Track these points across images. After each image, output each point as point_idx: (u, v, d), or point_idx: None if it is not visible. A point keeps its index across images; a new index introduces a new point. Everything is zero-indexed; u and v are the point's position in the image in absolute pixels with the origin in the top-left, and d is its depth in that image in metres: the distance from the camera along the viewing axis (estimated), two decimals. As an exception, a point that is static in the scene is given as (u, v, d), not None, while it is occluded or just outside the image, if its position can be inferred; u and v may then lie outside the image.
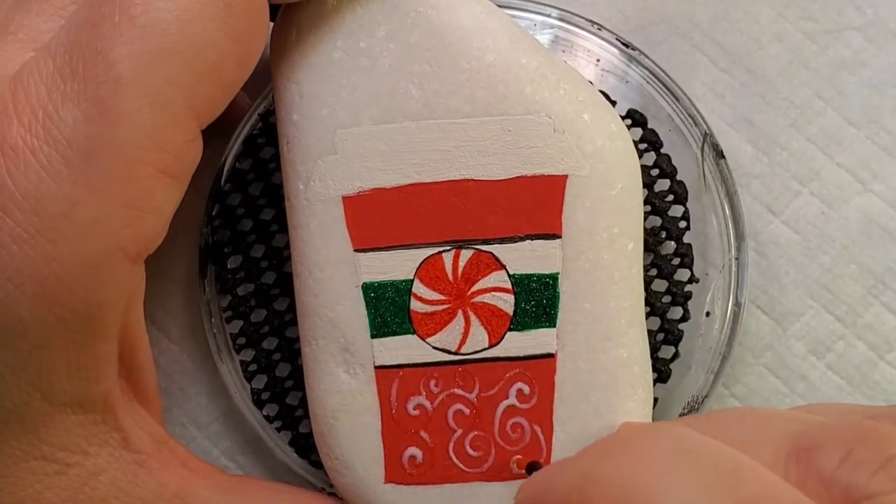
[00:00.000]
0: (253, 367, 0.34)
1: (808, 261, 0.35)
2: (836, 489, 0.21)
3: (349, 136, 0.29)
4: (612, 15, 0.36)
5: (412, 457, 0.29)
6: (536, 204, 0.29)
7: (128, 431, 0.27)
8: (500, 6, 0.30)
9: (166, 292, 0.35)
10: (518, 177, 0.29)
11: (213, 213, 0.34)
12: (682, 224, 0.33)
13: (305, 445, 0.33)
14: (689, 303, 0.33)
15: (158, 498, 0.27)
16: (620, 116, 0.32)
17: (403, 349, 0.29)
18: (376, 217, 0.29)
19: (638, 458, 0.21)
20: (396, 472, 0.29)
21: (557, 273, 0.29)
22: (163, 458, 0.28)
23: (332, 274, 0.29)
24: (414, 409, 0.29)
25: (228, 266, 0.34)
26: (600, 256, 0.29)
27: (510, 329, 0.29)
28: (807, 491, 0.21)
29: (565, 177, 0.29)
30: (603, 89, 0.33)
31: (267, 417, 0.33)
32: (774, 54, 0.36)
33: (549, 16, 0.34)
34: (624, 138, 0.30)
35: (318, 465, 0.33)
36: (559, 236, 0.29)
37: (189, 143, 0.26)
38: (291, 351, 0.33)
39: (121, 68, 0.24)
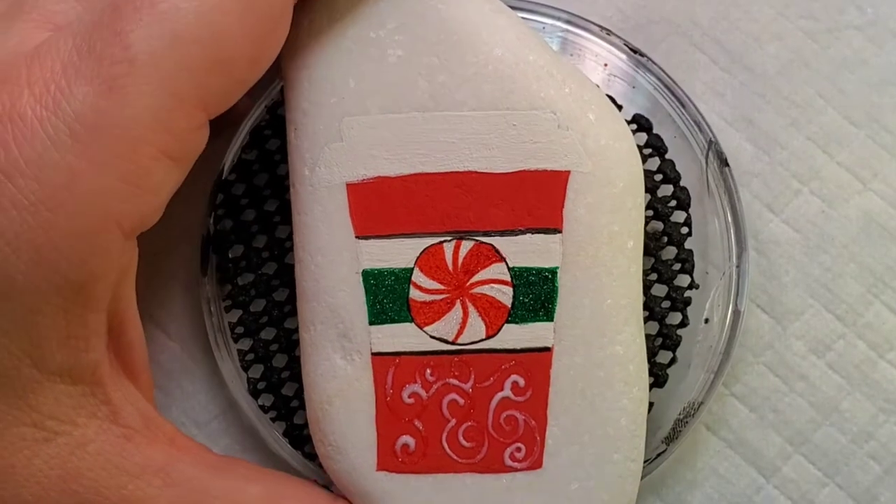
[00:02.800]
0: (250, 357, 0.34)
1: (808, 260, 0.35)
2: None
3: (356, 124, 0.29)
4: (612, 14, 0.36)
5: (405, 445, 0.29)
6: (538, 198, 0.29)
7: (116, 406, 0.27)
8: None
9: (166, 290, 0.35)
10: (521, 171, 0.29)
11: (217, 203, 0.34)
12: (684, 230, 0.33)
13: (299, 436, 0.33)
14: (689, 308, 0.33)
15: (144, 471, 0.27)
16: (626, 121, 0.32)
17: (401, 337, 0.29)
18: (379, 205, 0.29)
19: None
20: (389, 460, 0.29)
21: (557, 267, 0.29)
22: (150, 434, 0.28)
23: (334, 260, 0.29)
24: (409, 397, 0.29)
25: (230, 255, 0.34)
26: (600, 253, 0.29)
27: (508, 321, 0.29)
28: None
29: (568, 173, 0.29)
30: (610, 93, 0.34)
31: (262, 408, 0.33)
32: (774, 53, 0.36)
33: (557, 19, 0.34)
34: (627, 139, 0.30)
35: (311, 456, 0.33)
36: (560, 231, 0.29)
37: (194, 130, 0.27)
38: (289, 342, 0.34)
39: (136, 50, 0.25)
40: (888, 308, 0.35)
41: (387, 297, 0.29)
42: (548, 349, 0.29)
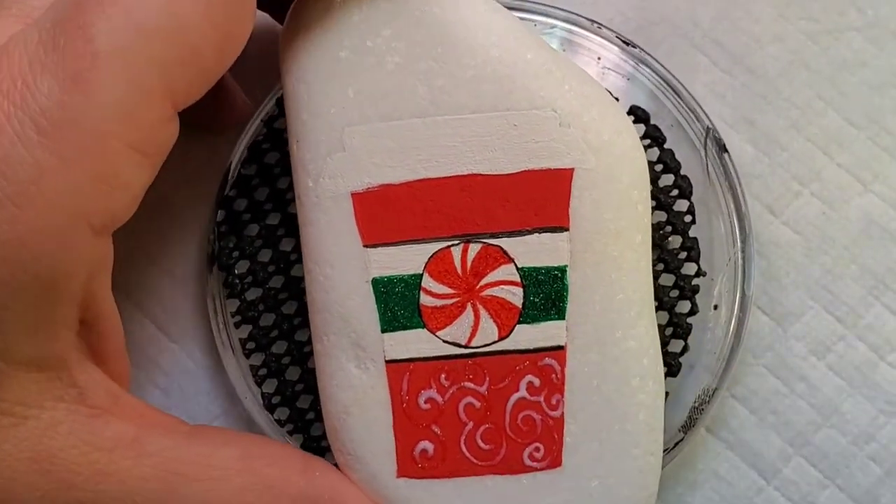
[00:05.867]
0: (263, 372, 0.34)
1: (808, 261, 0.35)
2: None
3: (357, 133, 0.29)
4: (612, 15, 0.36)
5: (424, 450, 0.29)
6: (544, 197, 0.29)
7: (83, 387, 0.27)
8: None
9: (166, 291, 0.35)
10: (525, 171, 0.29)
11: (219, 220, 0.34)
12: (688, 218, 0.33)
13: (318, 448, 0.33)
14: (697, 296, 0.33)
15: (116, 445, 0.27)
16: (623, 114, 0.32)
17: (414, 343, 0.29)
18: (385, 212, 0.29)
19: None
20: (408, 466, 0.29)
21: (566, 265, 0.29)
22: (119, 411, 0.28)
23: (343, 270, 0.29)
24: (425, 402, 0.29)
25: (236, 272, 0.34)
26: (608, 249, 0.29)
27: (519, 322, 0.29)
28: None
29: (572, 170, 0.29)
30: (605, 87, 0.34)
31: (278, 421, 0.33)
32: (775, 54, 0.36)
33: (549, 16, 0.34)
34: (630, 133, 0.30)
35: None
36: (567, 229, 0.29)
37: (163, 122, 0.26)
38: (301, 354, 0.34)
39: (98, 43, 0.25)
40: (889, 310, 0.35)
41: (398, 304, 0.29)
42: (561, 348, 0.29)
